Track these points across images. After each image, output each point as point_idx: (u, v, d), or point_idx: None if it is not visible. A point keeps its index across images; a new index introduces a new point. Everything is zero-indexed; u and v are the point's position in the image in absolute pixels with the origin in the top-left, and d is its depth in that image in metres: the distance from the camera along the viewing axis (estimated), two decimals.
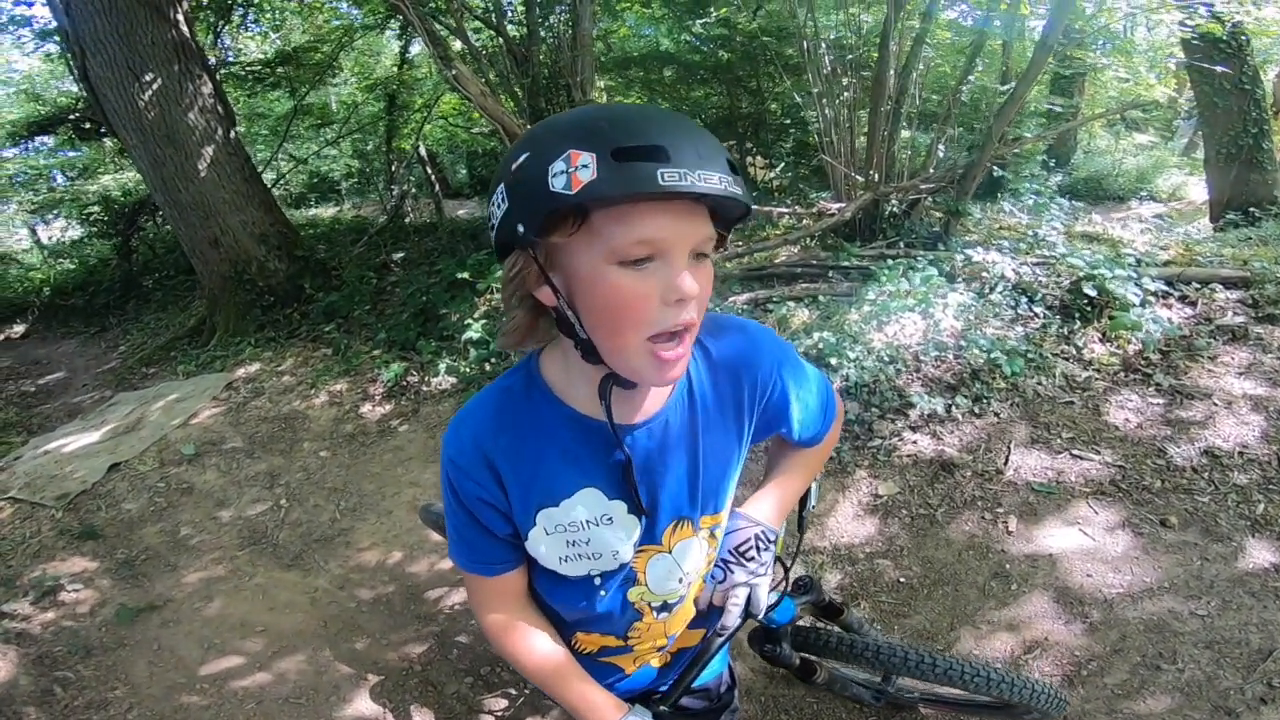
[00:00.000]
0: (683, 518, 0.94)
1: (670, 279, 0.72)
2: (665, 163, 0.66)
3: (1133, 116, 11.42)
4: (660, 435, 0.89)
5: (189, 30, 5.32)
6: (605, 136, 0.67)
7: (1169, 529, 2.31)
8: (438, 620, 2.43)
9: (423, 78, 9.28)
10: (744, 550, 1.04)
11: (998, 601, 2.17)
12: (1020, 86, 4.29)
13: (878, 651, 1.39)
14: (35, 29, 7.37)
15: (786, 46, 6.35)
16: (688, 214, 0.72)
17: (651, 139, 0.67)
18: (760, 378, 0.93)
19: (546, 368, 0.88)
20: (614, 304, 0.73)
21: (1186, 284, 3.50)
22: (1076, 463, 2.65)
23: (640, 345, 0.75)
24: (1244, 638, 1.93)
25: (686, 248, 0.73)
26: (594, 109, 0.73)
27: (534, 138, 0.72)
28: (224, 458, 3.68)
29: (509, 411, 0.87)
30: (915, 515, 2.58)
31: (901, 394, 3.10)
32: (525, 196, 0.70)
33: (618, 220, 0.69)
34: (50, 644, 2.50)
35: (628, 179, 0.65)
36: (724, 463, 0.95)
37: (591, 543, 0.90)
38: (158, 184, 5.40)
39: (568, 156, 0.66)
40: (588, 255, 0.71)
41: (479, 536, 0.92)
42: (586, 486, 0.88)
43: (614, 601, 0.97)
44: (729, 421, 0.93)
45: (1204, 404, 2.79)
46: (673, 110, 0.73)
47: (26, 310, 8.48)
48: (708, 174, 0.67)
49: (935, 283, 3.68)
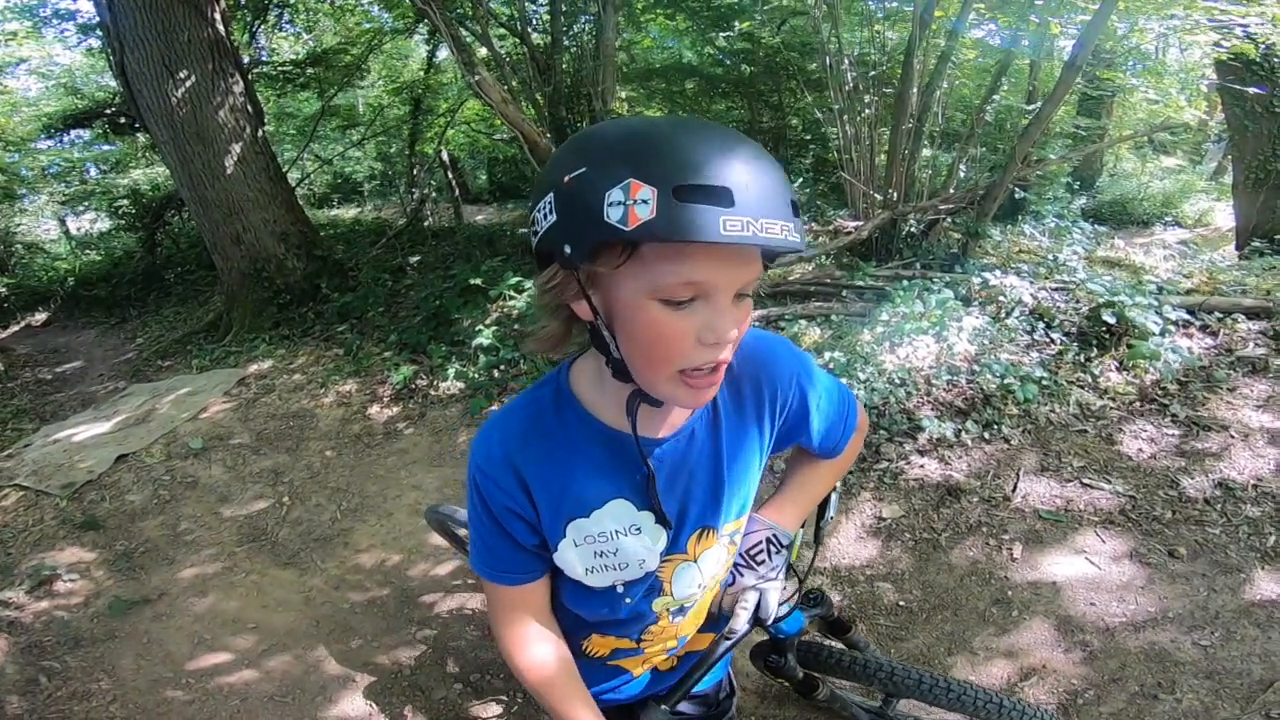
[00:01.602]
0: (706, 526, 0.95)
1: (711, 320, 0.71)
2: (729, 207, 0.63)
3: (1161, 139, 11.28)
4: (685, 448, 0.90)
5: (225, 29, 5.44)
6: (668, 169, 0.63)
7: (1177, 559, 2.27)
8: (432, 625, 2.42)
9: (448, 82, 9.39)
10: (755, 554, 1.05)
11: (997, 628, 2.13)
12: (1046, 107, 4.25)
13: (890, 673, 1.35)
14: (79, 23, 7.58)
15: (809, 62, 6.35)
16: (741, 258, 0.70)
17: (717, 178, 0.63)
18: (780, 389, 0.94)
19: (576, 380, 0.88)
20: (650, 338, 0.72)
21: (1208, 313, 3.44)
22: (1086, 491, 2.59)
23: (672, 375, 0.74)
24: (1245, 669, 1.89)
25: (732, 290, 0.71)
26: (660, 126, 0.69)
27: (591, 151, 0.68)
28: (230, 453, 3.70)
29: (538, 423, 0.87)
30: (919, 539, 2.53)
31: (911, 417, 3.05)
32: (577, 219, 0.67)
33: (668, 259, 0.67)
34: (40, 633, 2.52)
35: (688, 224, 0.62)
36: (746, 472, 0.96)
37: (619, 553, 0.91)
38: (185, 180, 5.50)
39: (627, 186, 0.63)
40: (631, 285, 0.70)
41: (504, 546, 0.92)
42: (616, 498, 0.89)
43: (637, 609, 0.98)
44: (750, 432, 0.94)
45: (1220, 436, 2.73)
46: (737, 133, 0.70)
47: (50, 299, 8.64)
48: (770, 222, 0.64)
49: (950, 306, 3.63)
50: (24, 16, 7.69)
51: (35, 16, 7.63)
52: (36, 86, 11.55)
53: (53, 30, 8.14)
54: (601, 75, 5.70)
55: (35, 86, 11.59)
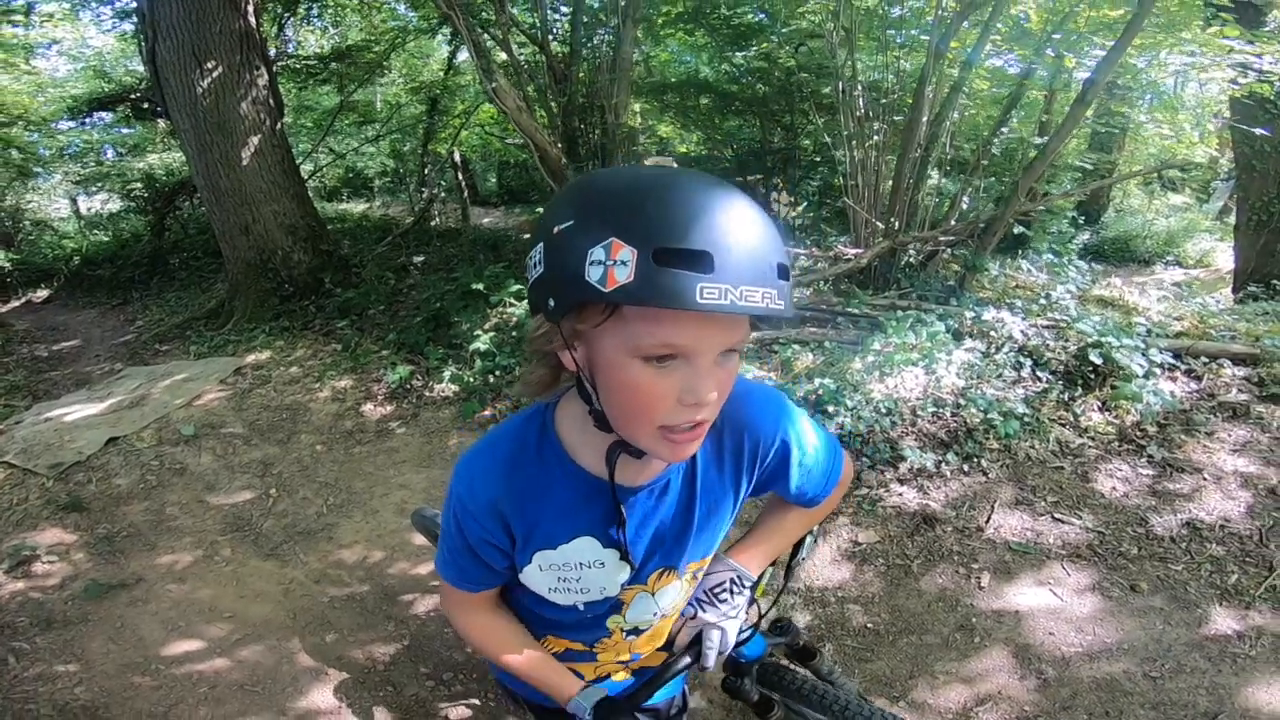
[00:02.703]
0: (669, 566, 0.99)
1: (691, 382, 0.71)
2: (708, 274, 0.62)
3: (1170, 175, 11.32)
4: (659, 497, 0.94)
5: (256, 21, 5.52)
6: (650, 230, 0.63)
7: (1138, 594, 2.32)
8: (408, 623, 2.45)
9: (466, 84, 9.47)
10: (717, 592, 1.08)
11: (959, 653, 2.18)
12: (1054, 141, 4.29)
13: (844, 706, 1.38)
14: (115, 8, 7.67)
15: (823, 85, 6.40)
16: (723, 323, 0.70)
17: (697, 242, 0.62)
18: (763, 442, 0.95)
19: (561, 422, 0.90)
20: (628, 395, 0.73)
21: (1195, 357, 3.47)
22: (1057, 526, 2.64)
23: (652, 432, 0.75)
24: (1192, 700, 1.95)
25: (714, 353, 0.71)
26: (648, 183, 0.67)
27: (580, 205, 0.69)
28: (221, 442, 3.74)
29: (519, 461, 0.89)
30: (891, 564, 2.57)
31: (894, 446, 3.09)
32: (560, 275, 0.67)
33: (648, 321, 0.67)
34: (14, 614, 2.51)
35: (664, 290, 0.62)
36: (716, 518, 0.99)
37: (582, 580, 0.95)
38: (201, 168, 5.56)
39: (609, 245, 0.63)
40: (612, 343, 0.70)
41: (474, 566, 0.96)
42: (584, 535, 0.92)
43: (592, 621, 1.04)
44: (726, 483, 0.97)
45: (1193, 478, 2.79)
46: (729, 190, 0.68)
47: (53, 276, 8.65)
48: (751, 289, 0.63)
49: (941, 339, 3.68)
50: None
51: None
52: (65, 68, 11.67)
53: (89, 13, 8.21)
54: (616, 88, 5.76)
55: (64, 68, 11.71)
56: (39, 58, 10.13)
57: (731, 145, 8.49)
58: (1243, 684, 1.99)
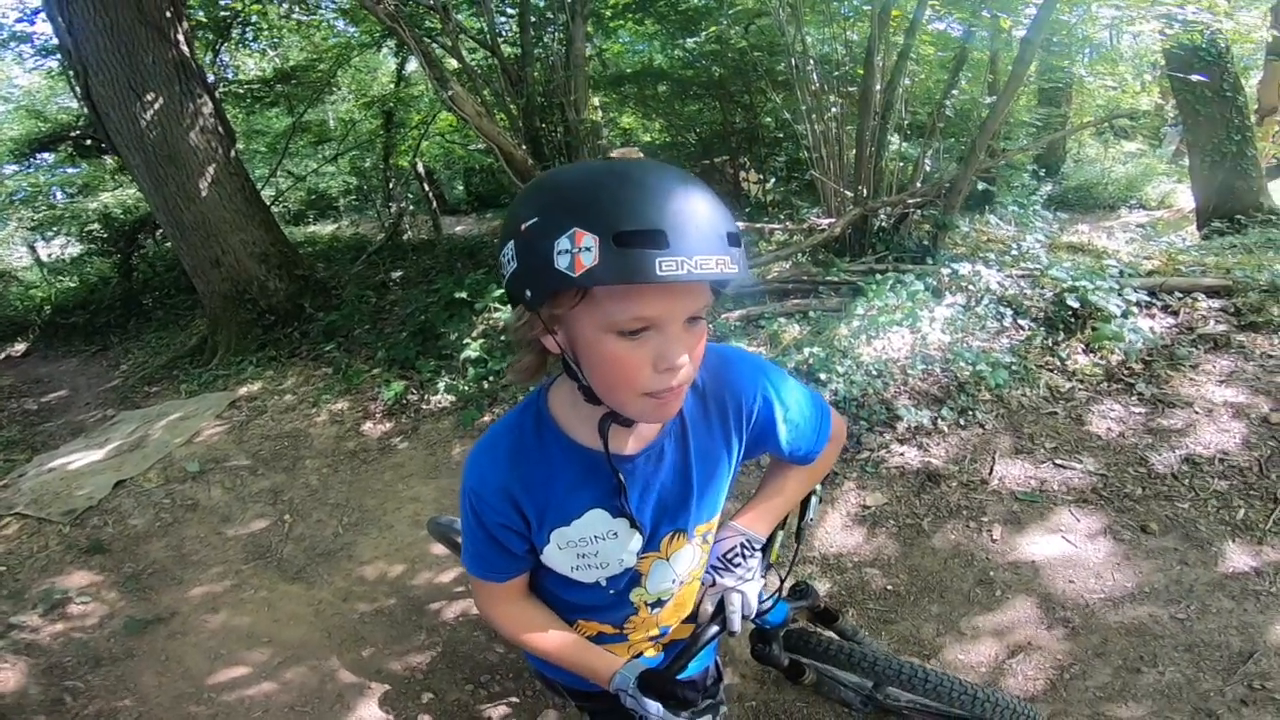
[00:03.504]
0: (678, 529, 1.05)
1: (663, 349, 0.80)
2: (664, 250, 0.70)
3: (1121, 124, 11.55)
4: (656, 462, 1.00)
5: (189, 49, 5.40)
6: (608, 217, 0.71)
7: (1149, 535, 2.37)
8: (439, 631, 2.49)
9: (419, 94, 9.39)
10: (730, 557, 1.15)
11: (982, 608, 2.24)
12: (1001, 100, 4.39)
13: (874, 661, 1.46)
14: (36, 45, 7.42)
15: (777, 62, 6.46)
16: (684, 291, 0.78)
17: (651, 222, 0.71)
18: (745, 403, 1.03)
19: (554, 403, 0.98)
20: (609, 368, 0.81)
21: (1169, 293, 3.57)
22: (1059, 472, 2.71)
23: (637, 397, 0.83)
24: (1224, 640, 1.98)
25: (680, 320, 0.80)
26: (601, 175, 0.76)
27: (543, 202, 0.77)
28: (228, 475, 3.74)
29: (521, 448, 0.97)
30: (902, 525, 2.64)
31: (889, 407, 3.17)
32: (532, 267, 0.75)
33: (617, 298, 0.76)
34: (59, 654, 2.56)
35: (626, 268, 0.70)
36: (715, 480, 1.05)
37: (600, 554, 1.02)
38: (160, 204, 5.47)
39: (573, 235, 0.71)
40: (588, 322, 0.79)
41: (496, 554, 1.03)
42: (593, 508, 0.99)
43: (617, 598, 1.09)
44: (718, 444, 1.03)
45: (1185, 412, 2.86)
46: (676, 173, 0.78)
47: (27, 329, 8.56)
48: (705, 258, 0.72)
49: (922, 297, 3.77)
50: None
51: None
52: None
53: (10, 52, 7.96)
54: (573, 84, 5.76)
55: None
56: None
57: (694, 130, 8.52)
58: (1270, 621, 2.00)
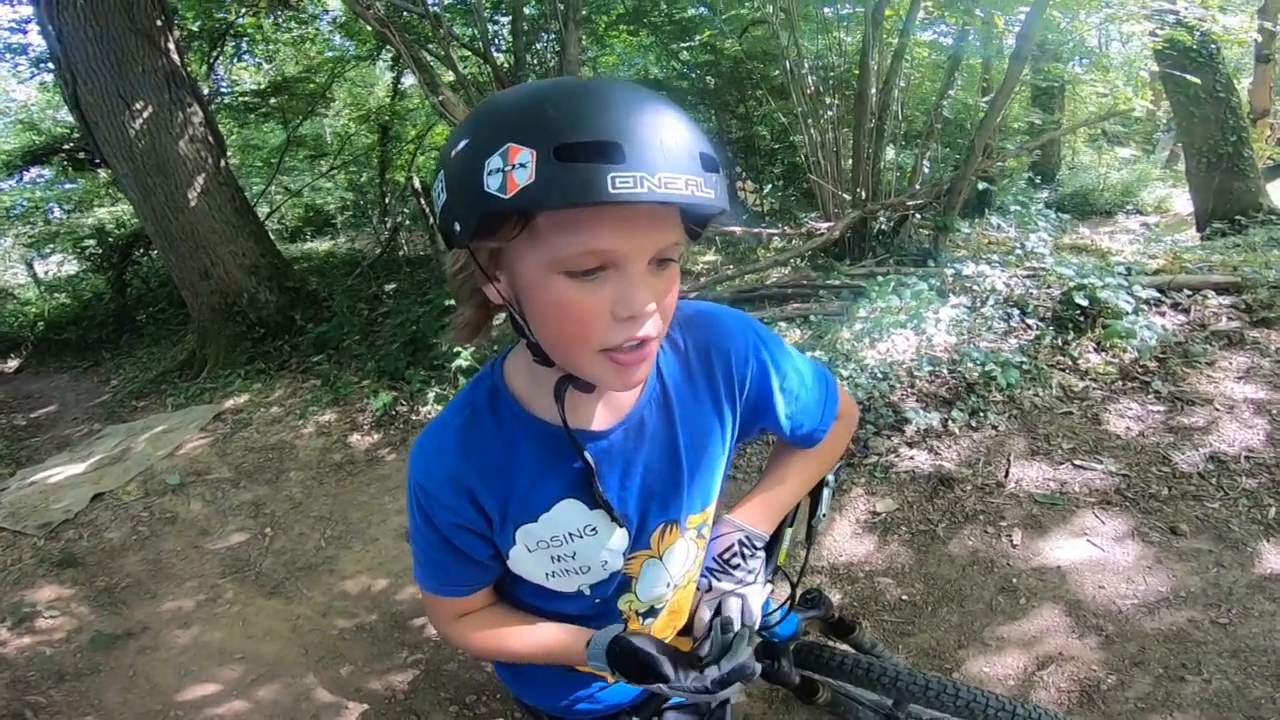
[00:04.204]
0: (670, 520, 0.88)
1: (623, 293, 0.64)
2: (618, 164, 0.56)
3: (1114, 130, 11.57)
4: (636, 437, 0.83)
5: (180, 59, 5.34)
6: (548, 128, 0.57)
7: (1180, 536, 2.26)
8: (423, 649, 2.35)
9: (415, 108, 9.37)
10: (727, 558, 0.96)
11: (1006, 617, 2.10)
12: (998, 99, 4.34)
13: (895, 677, 1.29)
14: (31, 56, 7.39)
15: (772, 69, 6.43)
16: (648, 220, 0.62)
17: (603, 133, 0.56)
18: (735, 363, 0.86)
19: (511, 376, 0.82)
20: (558, 317, 0.65)
21: (1178, 291, 3.49)
22: (1079, 473, 2.60)
23: (594, 356, 0.68)
24: (1270, 645, 1.86)
25: (645, 258, 0.64)
26: (544, 88, 0.62)
27: (475, 122, 0.63)
28: (209, 488, 3.61)
29: (475, 429, 0.80)
30: (915, 531, 2.51)
31: (896, 410, 3.05)
32: (460, 192, 0.61)
33: (564, 227, 0.60)
34: (24, 669, 2.46)
35: (570, 185, 0.55)
36: (708, 457, 0.88)
37: (578, 556, 0.84)
38: (148, 214, 5.38)
39: (505, 151, 0.57)
40: (531, 260, 0.63)
41: (454, 563, 0.85)
42: (564, 499, 0.82)
43: (602, 608, 0.92)
44: (708, 413, 0.87)
45: (1205, 409, 2.76)
46: (647, 91, 0.63)
47: (20, 345, 8.50)
48: (671, 176, 0.57)
49: (926, 298, 3.66)
50: None
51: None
52: None
53: (5, 65, 7.94)
54: None
55: None
56: None
57: None
58: None
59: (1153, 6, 4.10)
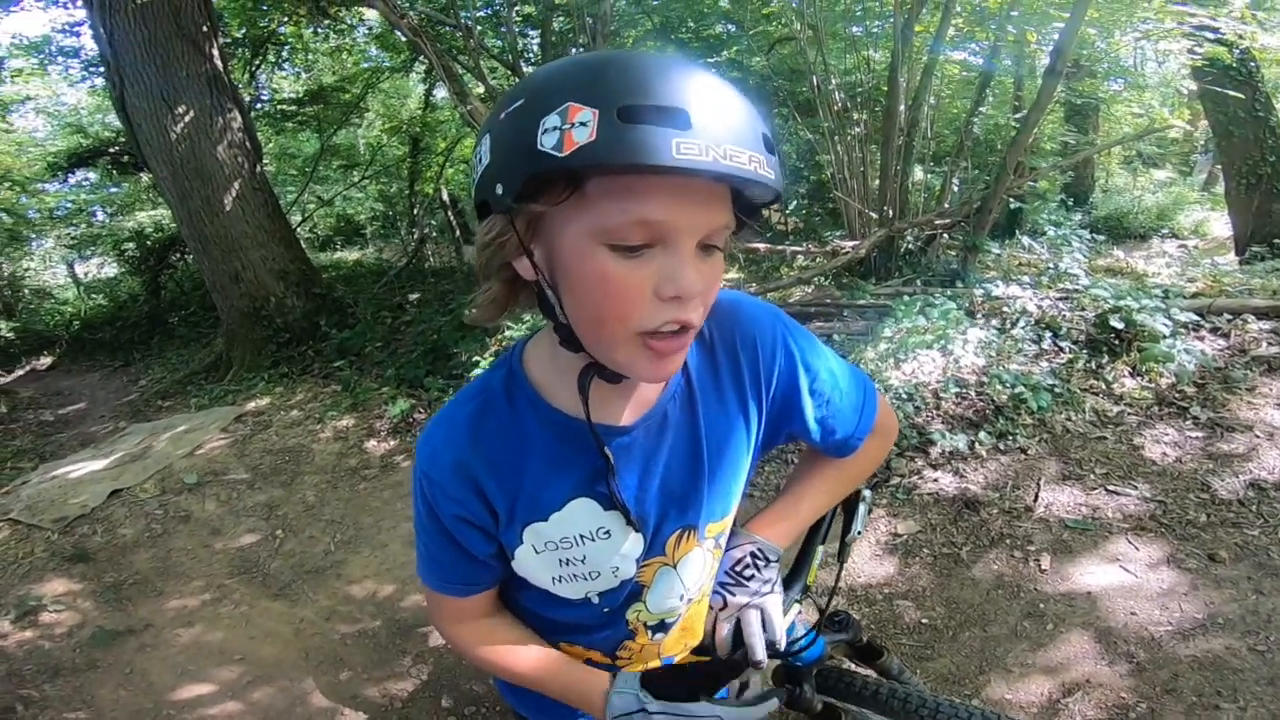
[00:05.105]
0: (687, 526, 0.82)
1: (671, 270, 0.60)
2: (684, 130, 0.53)
3: (1149, 151, 11.33)
4: (657, 433, 0.78)
5: (223, 65, 5.46)
6: (613, 89, 0.54)
7: (1219, 563, 2.16)
8: (425, 657, 2.31)
9: (446, 120, 9.49)
10: (741, 570, 0.89)
11: (1032, 643, 2.01)
12: (1030, 116, 4.24)
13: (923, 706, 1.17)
14: (83, 60, 7.60)
15: (799, 85, 6.39)
16: (703, 196, 0.60)
17: (670, 98, 0.54)
18: (762, 355, 0.80)
19: (530, 363, 0.77)
20: (598, 292, 0.61)
21: (1217, 315, 3.37)
22: (1113, 498, 2.49)
23: (630, 338, 0.63)
24: None
25: (695, 237, 0.61)
26: (606, 54, 0.61)
27: (531, 84, 0.60)
28: (225, 488, 3.62)
29: (488, 416, 0.76)
30: (938, 555, 2.42)
31: (921, 431, 2.96)
32: (508, 152, 0.58)
33: (616, 194, 0.57)
34: (21, 662, 2.45)
35: (634, 145, 0.53)
36: (731, 459, 0.82)
37: (587, 560, 0.79)
38: (184, 216, 5.48)
39: (565, 110, 0.54)
40: (575, 228, 0.59)
41: (456, 558, 0.81)
42: (578, 497, 0.77)
43: (610, 618, 0.87)
44: (732, 411, 0.81)
45: (1245, 436, 2.65)
46: (704, 66, 0.62)
47: (55, 343, 8.70)
48: (737, 149, 0.55)
49: (954, 318, 3.57)
50: (30, 53, 7.68)
51: (41, 53, 7.66)
52: (44, 127, 11.67)
53: (58, 67, 8.15)
54: None
55: (43, 127, 11.70)
56: (16, 115, 10.11)
57: None
58: None
59: (1191, 23, 4.00)
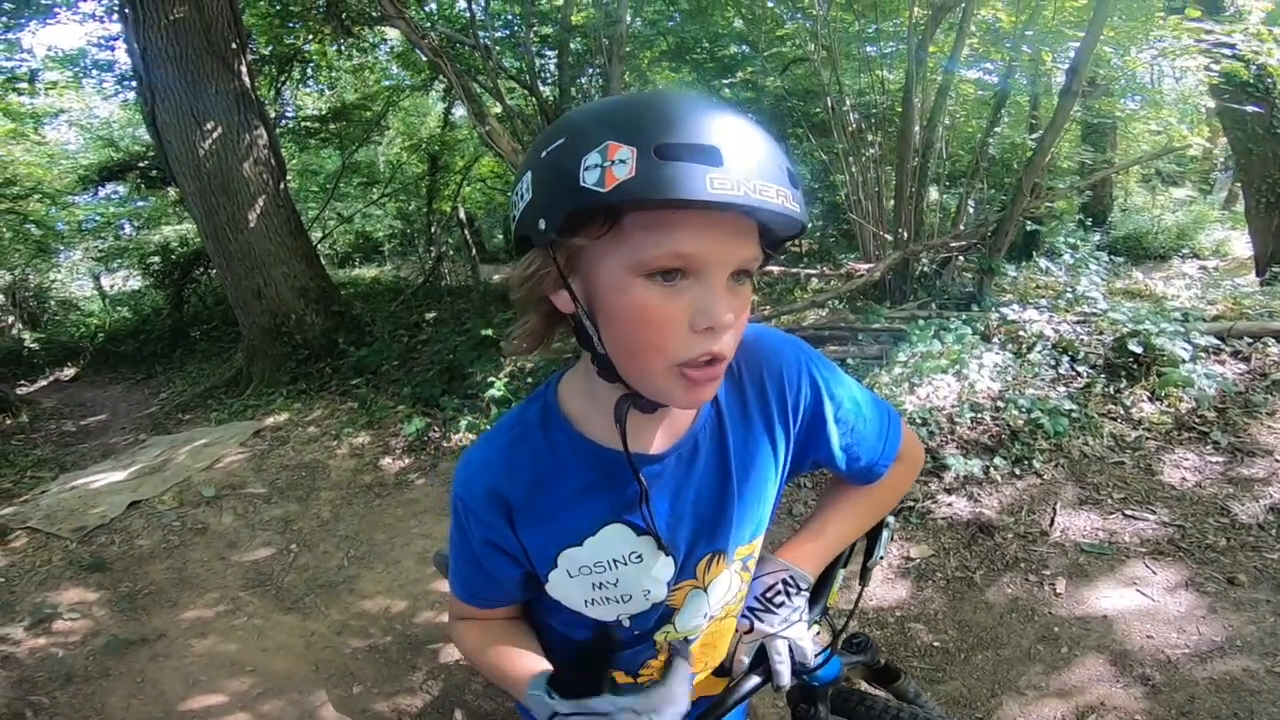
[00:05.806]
0: (717, 550, 0.85)
1: (704, 302, 0.64)
2: (716, 167, 0.58)
3: (1168, 170, 11.21)
4: (689, 463, 0.81)
5: (250, 82, 5.58)
6: (650, 129, 0.59)
7: (1237, 586, 2.13)
8: (436, 674, 2.31)
9: (464, 139, 9.61)
10: (771, 596, 0.92)
11: (1046, 666, 1.99)
12: (1047, 136, 4.23)
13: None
14: (116, 74, 7.77)
15: (813, 106, 6.43)
16: (734, 229, 0.64)
17: (703, 137, 0.59)
18: (788, 385, 0.83)
19: (566, 396, 0.81)
20: (635, 323, 0.65)
21: (1238, 338, 3.33)
22: (1130, 523, 2.47)
23: (667, 369, 0.67)
24: None
25: (727, 268, 0.65)
26: (642, 95, 0.66)
27: (571, 123, 0.64)
28: (242, 501, 3.66)
29: (524, 446, 0.79)
30: (951, 578, 2.40)
31: (935, 456, 2.95)
32: (552, 188, 0.62)
33: (652, 228, 0.61)
34: (33, 669, 2.47)
35: (671, 181, 0.57)
36: (759, 486, 0.85)
37: (620, 584, 0.82)
38: (209, 232, 5.58)
39: (605, 148, 0.58)
40: (613, 261, 0.63)
41: (480, 577, 0.85)
42: (611, 523, 0.80)
43: (640, 639, 0.89)
44: (760, 439, 0.84)
45: (1266, 461, 2.63)
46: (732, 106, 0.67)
47: (79, 354, 8.81)
48: (765, 184, 0.59)
49: (969, 342, 3.55)
50: (65, 66, 7.85)
51: (76, 66, 7.82)
52: (76, 140, 11.91)
53: (92, 81, 8.34)
54: None
55: (75, 140, 11.94)
56: (49, 128, 10.31)
57: None
58: None
59: (1208, 40, 3.99)
